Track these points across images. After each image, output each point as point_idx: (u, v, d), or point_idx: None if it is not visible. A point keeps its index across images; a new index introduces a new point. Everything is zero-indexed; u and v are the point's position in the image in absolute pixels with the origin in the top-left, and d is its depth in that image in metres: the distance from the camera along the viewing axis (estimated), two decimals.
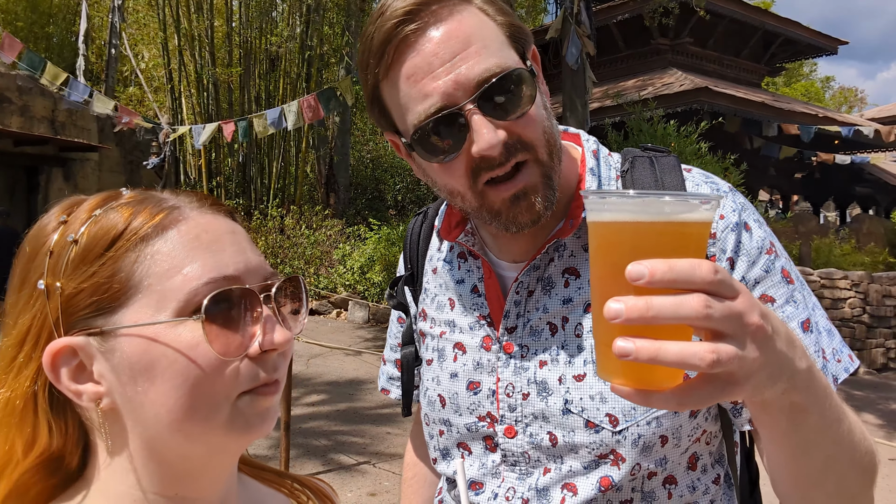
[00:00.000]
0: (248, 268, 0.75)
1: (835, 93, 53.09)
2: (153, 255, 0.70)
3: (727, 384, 0.60)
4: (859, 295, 10.75)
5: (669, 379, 0.61)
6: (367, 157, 21.42)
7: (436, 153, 0.99)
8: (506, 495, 1.11)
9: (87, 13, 18.98)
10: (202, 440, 0.72)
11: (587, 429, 1.04)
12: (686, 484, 1.07)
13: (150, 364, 0.68)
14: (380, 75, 0.99)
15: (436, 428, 1.21)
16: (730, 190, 1.10)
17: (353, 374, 8.89)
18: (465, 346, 1.17)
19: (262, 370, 0.73)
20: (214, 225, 0.76)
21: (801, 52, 21.45)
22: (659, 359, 0.55)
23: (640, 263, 0.55)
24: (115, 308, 0.69)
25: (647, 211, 0.60)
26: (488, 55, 0.96)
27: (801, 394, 0.70)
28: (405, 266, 1.35)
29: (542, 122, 1.00)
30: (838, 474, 0.84)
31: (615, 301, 0.56)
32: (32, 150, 15.03)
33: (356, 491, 5.28)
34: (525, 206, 1.01)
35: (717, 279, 0.57)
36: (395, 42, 0.95)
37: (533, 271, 1.11)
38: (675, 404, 0.60)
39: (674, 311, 0.55)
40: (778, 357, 0.63)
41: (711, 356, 0.56)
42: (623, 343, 0.56)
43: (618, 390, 0.62)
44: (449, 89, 0.94)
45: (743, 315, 0.58)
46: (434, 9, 0.96)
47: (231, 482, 0.81)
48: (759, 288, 1.03)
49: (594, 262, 0.65)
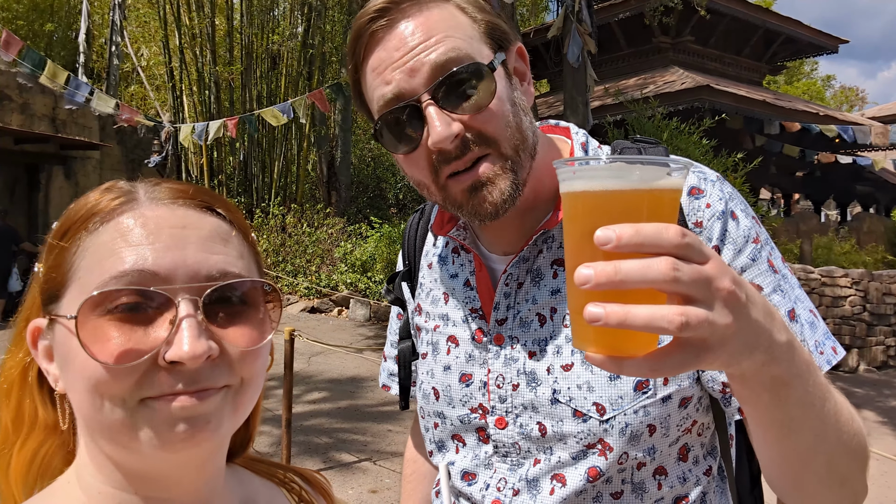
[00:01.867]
0: (177, 265, 0.68)
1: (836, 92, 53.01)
2: (88, 248, 0.70)
3: (700, 350, 0.60)
4: (860, 293, 10.75)
5: (642, 346, 0.61)
6: (368, 156, 21.43)
7: (397, 144, 1.02)
8: (497, 486, 1.12)
9: (88, 10, 18.97)
10: (119, 443, 0.68)
11: (575, 418, 1.05)
12: (676, 475, 1.08)
13: (67, 356, 0.68)
14: (356, 71, 1.04)
15: (431, 420, 1.22)
16: (717, 179, 1.10)
17: (354, 371, 8.91)
18: (457, 339, 1.18)
19: (174, 380, 0.66)
20: (162, 218, 0.71)
21: (802, 51, 21.40)
22: (628, 322, 0.55)
23: (607, 228, 0.56)
24: (58, 296, 0.71)
25: (618, 178, 0.60)
26: (449, 44, 0.97)
27: (782, 366, 0.69)
28: (403, 262, 1.37)
29: (504, 117, 1.00)
30: (826, 455, 0.83)
31: (585, 267, 0.56)
32: (33, 148, 15.03)
33: (357, 488, 5.29)
34: (483, 197, 1.01)
35: (685, 242, 0.57)
36: (364, 38, 1.00)
37: (522, 263, 1.11)
38: (647, 370, 0.60)
39: (641, 274, 0.55)
40: (753, 325, 0.63)
41: (680, 318, 0.56)
42: (593, 308, 0.56)
43: (591, 358, 0.62)
44: (405, 77, 0.97)
45: (713, 279, 0.58)
46: (404, 7, 0.99)
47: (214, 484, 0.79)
48: (746, 276, 1.02)
49: (567, 233, 0.65)
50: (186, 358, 0.64)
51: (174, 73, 18.47)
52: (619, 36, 18.50)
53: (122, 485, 0.72)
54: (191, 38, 18.18)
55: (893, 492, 5.68)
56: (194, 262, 0.69)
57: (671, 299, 0.59)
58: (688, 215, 1.05)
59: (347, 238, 15.05)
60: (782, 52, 20.70)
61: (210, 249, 0.71)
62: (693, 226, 1.04)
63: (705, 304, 0.58)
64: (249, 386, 0.73)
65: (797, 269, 10.47)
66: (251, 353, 0.71)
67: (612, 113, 15.23)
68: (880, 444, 6.44)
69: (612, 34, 18.25)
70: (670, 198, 0.62)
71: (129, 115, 12.66)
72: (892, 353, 10.98)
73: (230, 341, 0.70)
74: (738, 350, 0.62)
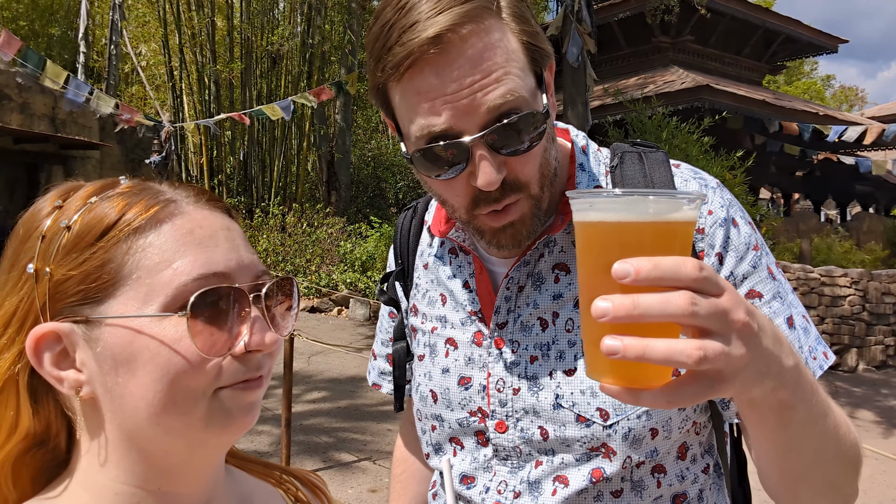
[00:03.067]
0: (240, 266, 0.74)
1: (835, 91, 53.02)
2: (145, 248, 0.70)
3: (715, 381, 0.61)
4: (859, 292, 10.75)
5: (658, 377, 0.62)
6: (368, 156, 21.42)
7: (434, 171, 0.99)
8: (497, 488, 1.12)
9: (88, 10, 18.97)
10: (181, 434, 0.71)
11: (578, 423, 1.05)
12: (675, 473, 1.08)
13: (133, 356, 0.68)
14: (391, 77, 0.95)
15: (428, 423, 1.21)
16: (717, 186, 1.10)
17: (354, 371, 8.91)
18: (456, 342, 1.17)
19: (245, 368, 0.72)
20: (210, 220, 0.75)
21: (802, 51, 21.42)
22: (647, 356, 0.56)
23: (625, 262, 0.56)
24: (102, 298, 0.69)
25: (633, 210, 0.60)
26: (507, 85, 0.92)
27: (789, 391, 0.70)
28: (396, 261, 1.35)
29: (541, 157, 1.00)
30: (824, 468, 0.85)
31: (602, 300, 0.56)
32: (33, 147, 15.03)
33: (357, 487, 5.30)
34: (511, 234, 1.03)
35: (703, 276, 0.57)
36: (414, 57, 0.91)
37: (523, 267, 1.11)
38: (664, 402, 0.61)
39: (660, 309, 0.56)
40: (764, 354, 0.64)
41: (698, 353, 0.56)
42: (611, 342, 0.56)
43: (607, 389, 0.62)
44: (458, 115, 0.92)
45: (729, 312, 0.59)
46: (464, 33, 0.90)
47: (218, 477, 0.81)
48: (747, 283, 1.04)
49: (581, 262, 0.66)
50: (268, 345, 0.72)
51: (174, 72, 18.47)
52: (619, 35, 18.51)
53: (142, 482, 0.73)
54: (190, 38, 18.18)
55: (893, 491, 5.68)
56: (248, 263, 0.75)
57: (685, 330, 0.60)
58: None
59: (347, 238, 15.05)
60: (782, 52, 20.71)
61: (248, 250, 0.77)
62: (695, 232, 1.05)
63: (721, 336, 0.59)
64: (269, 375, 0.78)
65: (796, 268, 10.47)
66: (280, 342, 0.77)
67: (611, 113, 15.24)
68: (880, 444, 6.44)
69: (612, 34, 18.25)
70: (684, 230, 0.62)
71: (129, 116, 12.67)
72: (892, 353, 10.98)
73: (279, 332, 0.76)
74: (750, 378, 0.63)
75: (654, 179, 1.09)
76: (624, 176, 1.11)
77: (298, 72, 18.61)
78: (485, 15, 0.92)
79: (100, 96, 12.10)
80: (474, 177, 0.96)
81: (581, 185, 1.12)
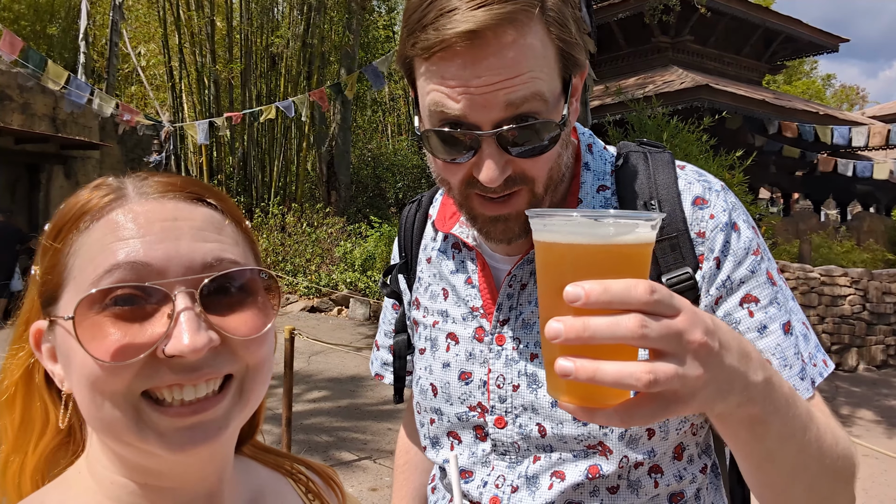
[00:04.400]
0: (170, 256, 0.67)
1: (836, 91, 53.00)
2: (81, 246, 0.69)
3: (671, 402, 0.61)
4: (859, 292, 10.74)
5: (613, 396, 0.62)
6: (368, 155, 21.43)
7: (441, 152, 1.00)
8: (495, 483, 1.13)
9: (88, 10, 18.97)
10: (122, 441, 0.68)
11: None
12: (672, 473, 1.09)
13: (68, 356, 0.68)
14: (420, 55, 0.95)
15: (427, 416, 1.22)
16: (722, 189, 1.10)
17: (355, 370, 8.91)
18: (457, 337, 1.18)
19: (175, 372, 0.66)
20: (152, 212, 0.70)
21: (802, 50, 21.41)
22: (597, 378, 0.56)
23: (577, 285, 0.56)
24: (56, 298, 0.70)
25: (585, 233, 0.61)
26: (530, 88, 0.92)
27: (758, 406, 0.70)
28: (399, 254, 1.36)
29: (552, 160, 1.00)
30: (806, 483, 0.84)
31: (555, 321, 0.57)
32: (34, 147, 15.03)
33: (357, 486, 5.31)
34: (501, 229, 1.04)
35: (654, 299, 0.57)
36: (446, 45, 0.90)
37: (526, 265, 1.12)
38: (617, 421, 0.61)
39: (610, 331, 0.56)
40: (726, 372, 0.63)
41: (648, 377, 0.56)
42: (564, 363, 0.57)
43: (564, 407, 0.63)
44: (475, 107, 0.92)
45: (683, 333, 0.58)
46: (500, 32, 0.89)
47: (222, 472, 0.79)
48: (744, 287, 1.03)
49: (539, 281, 0.66)
50: (187, 351, 0.64)
51: (173, 72, 18.47)
52: (619, 35, 18.50)
53: (132, 475, 0.73)
54: (190, 38, 18.19)
55: (893, 490, 5.69)
56: (188, 252, 0.68)
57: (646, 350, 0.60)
58: (691, 225, 1.05)
59: (347, 237, 15.05)
60: (782, 52, 20.70)
61: (204, 238, 0.71)
62: (696, 236, 1.05)
63: (676, 357, 0.59)
64: (258, 372, 0.73)
65: (796, 268, 10.47)
66: (255, 340, 0.71)
67: (611, 112, 15.23)
68: (880, 443, 6.45)
69: (612, 34, 18.25)
70: (639, 252, 0.63)
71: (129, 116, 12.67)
72: (892, 353, 10.97)
73: (231, 330, 0.69)
74: (710, 397, 0.63)
75: (657, 181, 1.08)
76: (627, 177, 1.10)
77: (298, 72, 18.60)
78: (524, 18, 0.91)
79: (101, 97, 12.11)
80: (478, 169, 0.97)
81: (585, 185, 1.12)
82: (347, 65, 17.00)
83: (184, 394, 0.67)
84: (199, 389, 0.67)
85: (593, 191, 1.12)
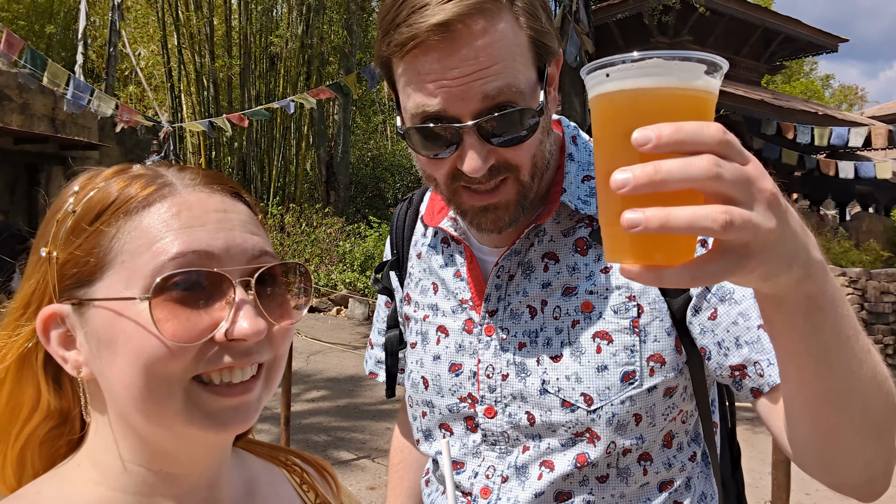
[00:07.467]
0: (229, 246, 0.71)
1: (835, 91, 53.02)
2: (131, 231, 0.70)
3: (741, 256, 0.56)
4: (857, 292, 10.76)
5: (681, 254, 0.57)
6: (367, 156, 21.46)
7: (424, 149, 1.02)
8: (486, 473, 1.14)
9: (87, 11, 18.98)
10: (163, 424, 0.70)
11: (563, 408, 1.07)
12: (661, 461, 1.10)
13: (113, 338, 0.69)
14: (395, 53, 0.97)
15: (419, 409, 1.24)
16: None
17: (353, 370, 8.92)
18: (447, 330, 1.19)
19: (227, 355, 0.70)
20: (204, 202, 0.74)
21: (802, 50, 21.43)
22: (670, 224, 0.51)
23: (646, 128, 0.52)
24: (92, 280, 0.71)
25: (653, 75, 0.57)
26: (505, 78, 0.94)
27: (817, 285, 0.64)
28: (391, 251, 1.38)
29: (534, 148, 1.02)
30: (862, 396, 0.76)
31: (622, 171, 0.52)
32: (33, 148, 15.06)
33: (356, 485, 5.32)
34: (491, 219, 1.05)
35: (727, 139, 0.54)
36: (419, 40, 0.93)
37: (513, 256, 1.13)
38: (688, 279, 0.56)
39: (683, 172, 0.51)
40: (794, 235, 0.59)
41: (724, 216, 0.52)
42: (631, 214, 0.52)
43: (627, 271, 0.58)
44: (453, 99, 0.94)
45: (755, 180, 0.55)
46: (470, 23, 0.92)
47: (222, 461, 0.81)
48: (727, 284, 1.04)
49: (598, 140, 0.61)
50: (251, 335, 0.68)
51: (172, 72, 18.48)
52: (617, 36, 18.52)
53: (150, 462, 0.74)
54: (189, 38, 18.19)
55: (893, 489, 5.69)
56: (242, 243, 0.73)
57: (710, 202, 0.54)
58: None
59: (346, 237, 15.07)
60: (781, 52, 20.73)
61: (251, 231, 0.75)
62: None
63: (747, 205, 0.54)
64: (281, 361, 0.77)
65: None
66: (287, 330, 0.75)
67: None
68: None
69: (610, 34, 18.27)
70: (707, 99, 0.59)
71: (129, 116, 12.69)
72: (890, 352, 10.99)
73: (274, 319, 0.73)
74: (777, 259, 0.58)
75: None
76: None
77: (297, 72, 18.62)
78: (493, 8, 0.94)
79: (101, 97, 12.11)
80: (461, 160, 0.98)
81: (570, 176, 1.13)
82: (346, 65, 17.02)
83: (233, 376, 0.71)
84: (246, 373, 0.72)
85: (577, 181, 1.13)
